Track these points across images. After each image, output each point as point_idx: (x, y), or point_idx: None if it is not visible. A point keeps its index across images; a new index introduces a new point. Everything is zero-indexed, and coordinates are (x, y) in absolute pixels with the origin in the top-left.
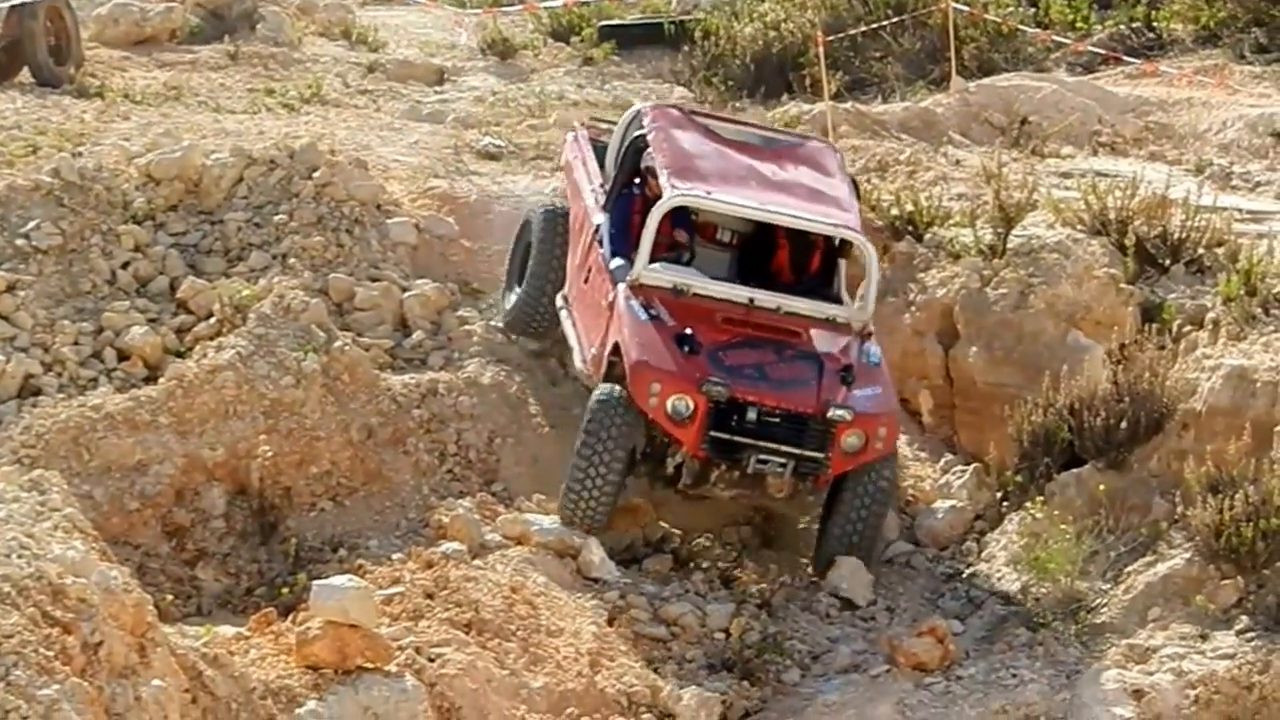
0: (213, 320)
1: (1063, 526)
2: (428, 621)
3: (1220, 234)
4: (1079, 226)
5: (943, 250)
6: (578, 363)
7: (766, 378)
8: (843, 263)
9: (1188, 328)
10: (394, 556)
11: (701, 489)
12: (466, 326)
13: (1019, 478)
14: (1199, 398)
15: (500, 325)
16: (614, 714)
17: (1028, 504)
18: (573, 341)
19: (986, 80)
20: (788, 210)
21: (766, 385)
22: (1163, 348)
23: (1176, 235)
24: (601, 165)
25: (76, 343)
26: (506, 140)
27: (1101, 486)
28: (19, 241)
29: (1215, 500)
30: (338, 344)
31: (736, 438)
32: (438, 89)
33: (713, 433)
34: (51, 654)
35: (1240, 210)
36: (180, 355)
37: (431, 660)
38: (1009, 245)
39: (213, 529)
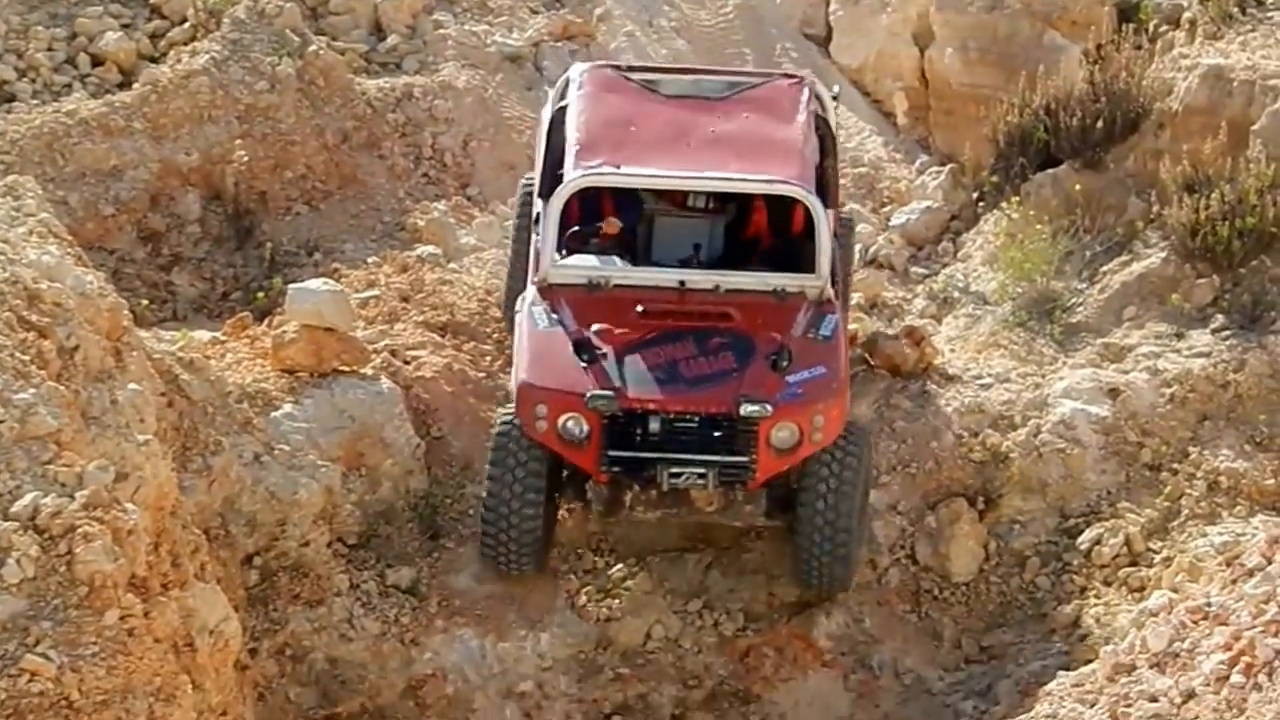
0: (187, 25)
1: (1039, 226)
2: (403, 324)
3: None
4: None
5: None
6: (512, 384)
7: (676, 377)
8: (822, 238)
9: (1164, 27)
10: (369, 260)
11: (620, 516)
12: (442, 30)
13: (995, 178)
14: (1175, 97)
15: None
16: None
17: (1003, 204)
18: (515, 355)
19: None
20: (711, 173)
21: (671, 387)
22: (1139, 47)
23: None
24: None
25: (50, 49)
26: None
27: (1077, 186)
28: None
29: (1191, 199)
30: (312, 48)
31: (640, 454)
32: None
33: (612, 452)
34: (27, 358)
35: None
36: (154, 60)
37: (407, 363)
38: None
39: (188, 234)
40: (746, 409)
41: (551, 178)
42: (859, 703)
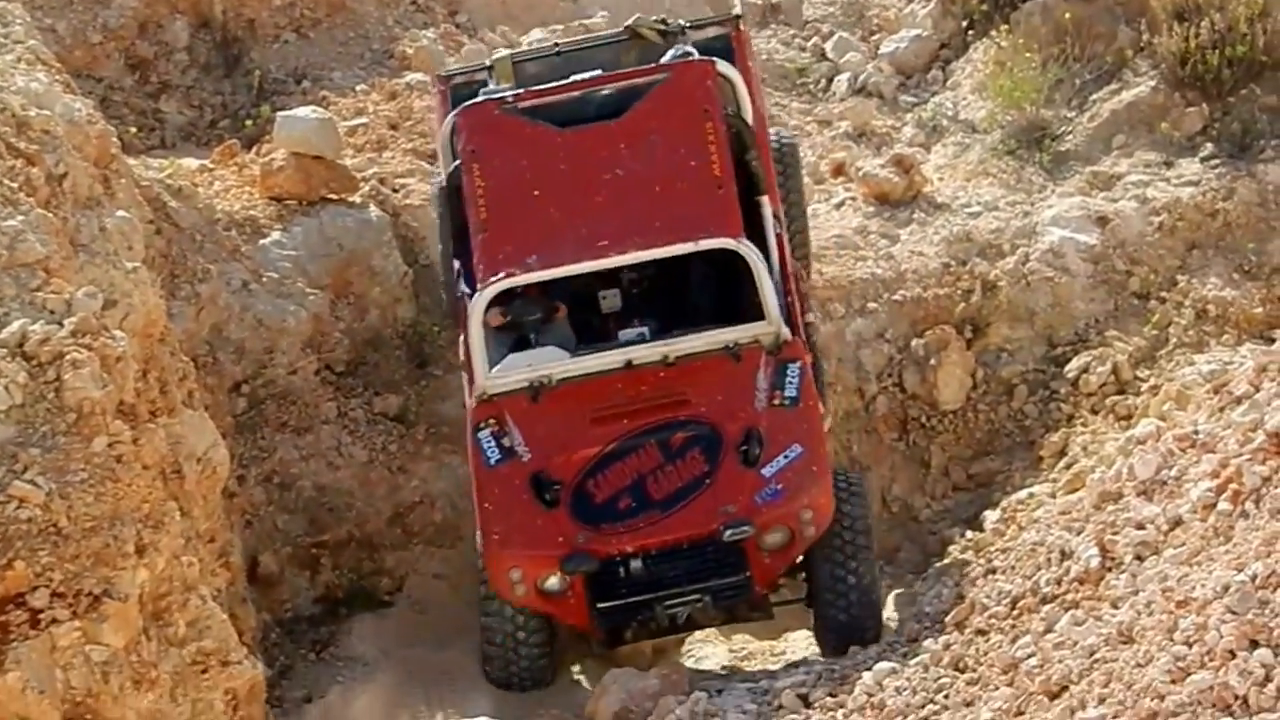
0: None
1: (1028, 55)
2: (391, 152)
3: None
4: None
5: None
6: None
7: (647, 501)
8: (764, 281)
9: None
10: (358, 88)
11: (622, 648)
12: None
13: (984, 6)
14: None
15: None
16: None
17: (993, 32)
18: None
19: None
20: (634, 250)
21: (645, 516)
22: None
23: None
24: None
25: None
26: None
27: (1067, 14)
28: None
29: (1181, 28)
30: None
31: (630, 599)
32: None
33: (600, 604)
34: (15, 185)
35: None
36: None
37: (395, 190)
38: None
39: (176, 61)
40: (729, 534)
41: (460, 242)
42: None
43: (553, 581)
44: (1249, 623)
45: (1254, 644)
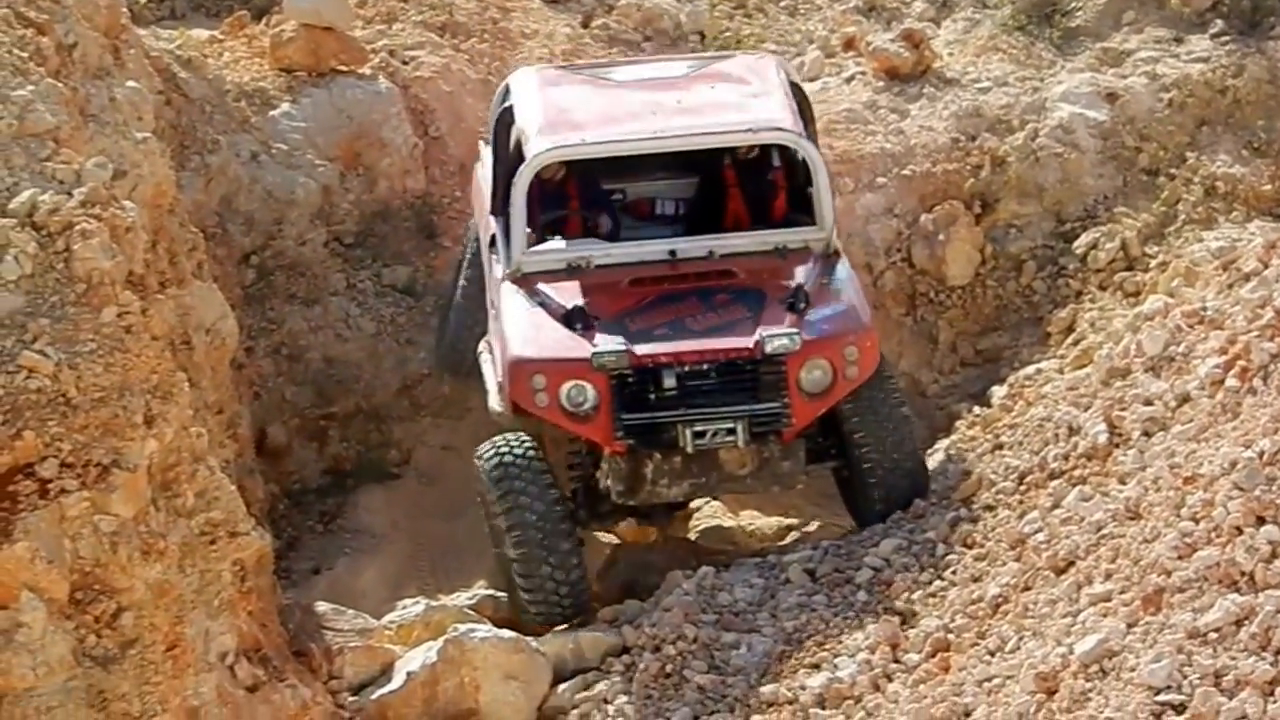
0: None
1: None
2: (402, 24)
3: None
4: None
5: None
6: (494, 405)
7: (685, 330)
8: (821, 186)
9: None
10: None
11: (642, 496)
12: None
13: None
14: None
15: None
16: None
17: None
18: (489, 383)
19: None
20: (690, 130)
21: (683, 338)
22: None
23: None
24: None
25: None
26: None
27: None
28: None
29: None
30: None
31: (658, 414)
32: None
33: (625, 416)
34: (26, 55)
35: None
36: None
37: (405, 63)
38: None
39: None
40: (773, 344)
41: (505, 187)
42: None
43: (575, 392)
44: (1256, 499)
45: (1260, 520)
